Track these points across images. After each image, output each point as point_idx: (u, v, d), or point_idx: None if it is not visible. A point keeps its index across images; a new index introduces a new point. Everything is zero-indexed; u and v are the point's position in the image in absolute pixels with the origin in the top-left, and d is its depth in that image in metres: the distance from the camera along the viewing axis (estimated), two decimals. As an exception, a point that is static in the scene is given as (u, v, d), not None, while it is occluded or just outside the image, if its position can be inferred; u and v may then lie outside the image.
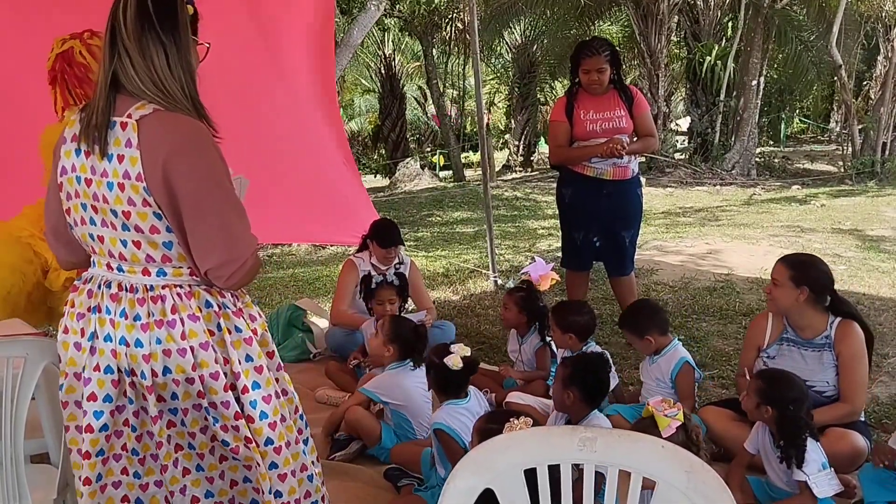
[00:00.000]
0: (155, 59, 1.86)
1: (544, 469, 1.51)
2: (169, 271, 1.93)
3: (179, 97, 1.89)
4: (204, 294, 1.95)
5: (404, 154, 20.59)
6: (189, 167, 1.84)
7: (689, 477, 1.42)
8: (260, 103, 5.76)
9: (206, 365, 1.92)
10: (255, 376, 1.99)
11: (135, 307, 1.91)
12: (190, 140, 1.87)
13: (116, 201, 1.86)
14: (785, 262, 3.32)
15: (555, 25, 17.56)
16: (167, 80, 1.87)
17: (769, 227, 9.42)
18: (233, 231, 1.90)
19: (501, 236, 9.37)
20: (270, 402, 2.01)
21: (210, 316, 1.95)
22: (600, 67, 4.53)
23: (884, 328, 5.05)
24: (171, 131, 1.85)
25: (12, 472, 2.16)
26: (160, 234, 1.89)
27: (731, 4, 16.41)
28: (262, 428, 1.99)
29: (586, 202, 4.70)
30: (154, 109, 1.85)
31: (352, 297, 4.68)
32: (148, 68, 1.86)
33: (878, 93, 15.44)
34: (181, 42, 1.89)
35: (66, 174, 1.93)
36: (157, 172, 1.82)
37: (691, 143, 16.88)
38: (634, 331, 3.64)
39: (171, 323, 1.90)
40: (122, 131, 1.84)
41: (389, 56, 21.35)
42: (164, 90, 1.87)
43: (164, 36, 1.87)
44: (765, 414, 2.86)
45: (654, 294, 6.10)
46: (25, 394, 2.15)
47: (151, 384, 1.91)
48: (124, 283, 1.93)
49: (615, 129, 4.58)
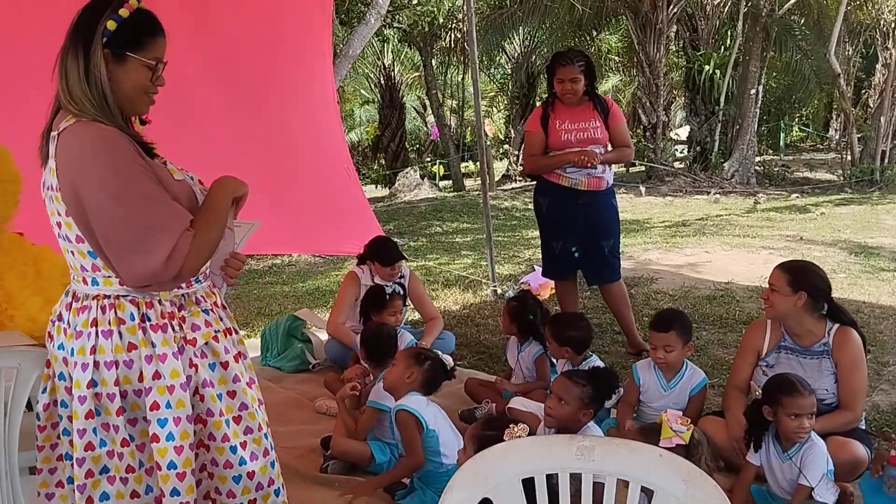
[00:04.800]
0: (71, 75, 1.91)
1: (542, 478, 1.49)
2: (100, 280, 1.96)
3: (89, 109, 1.90)
4: (129, 306, 1.94)
5: (404, 164, 20.58)
6: (93, 174, 1.86)
7: (686, 486, 1.40)
8: (260, 114, 5.76)
9: (106, 384, 1.93)
10: (168, 396, 1.95)
11: (76, 316, 1.96)
12: (93, 146, 1.87)
13: (52, 212, 1.95)
14: (782, 268, 3.31)
15: (554, 36, 17.59)
16: (76, 93, 1.90)
17: (769, 235, 9.41)
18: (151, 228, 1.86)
19: (501, 246, 9.37)
20: (179, 425, 1.95)
21: (133, 329, 1.94)
22: (574, 77, 4.59)
23: (884, 336, 5.04)
24: (77, 139, 1.88)
25: (7, 484, 2.15)
26: (84, 244, 1.92)
27: (729, 13, 16.45)
28: (166, 449, 1.94)
29: (563, 212, 4.76)
30: (75, 121, 1.90)
31: (350, 310, 4.68)
32: (67, 83, 1.92)
33: (877, 101, 15.45)
34: (90, 58, 1.90)
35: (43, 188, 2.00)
36: (67, 183, 1.88)
37: (690, 152, 16.89)
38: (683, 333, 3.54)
39: (89, 335, 1.93)
40: (52, 145, 1.93)
41: (389, 66, 21.37)
42: (77, 103, 1.90)
43: (78, 52, 1.90)
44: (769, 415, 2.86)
45: (653, 303, 6.09)
46: (19, 405, 2.15)
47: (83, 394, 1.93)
48: (77, 293, 2.00)
49: (590, 139, 4.63)
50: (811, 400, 2.81)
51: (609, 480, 1.47)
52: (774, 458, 2.89)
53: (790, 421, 2.80)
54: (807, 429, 2.80)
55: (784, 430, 2.83)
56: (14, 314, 3.20)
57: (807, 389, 2.83)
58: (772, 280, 3.29)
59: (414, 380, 3.18)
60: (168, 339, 1.95)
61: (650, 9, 15.39)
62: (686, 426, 2.51)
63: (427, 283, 7.13)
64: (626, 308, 4.92)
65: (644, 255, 8.18)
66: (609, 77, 24.34)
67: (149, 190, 1.88)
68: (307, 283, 7.66)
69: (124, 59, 1.93)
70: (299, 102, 6.55)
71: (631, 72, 21.42)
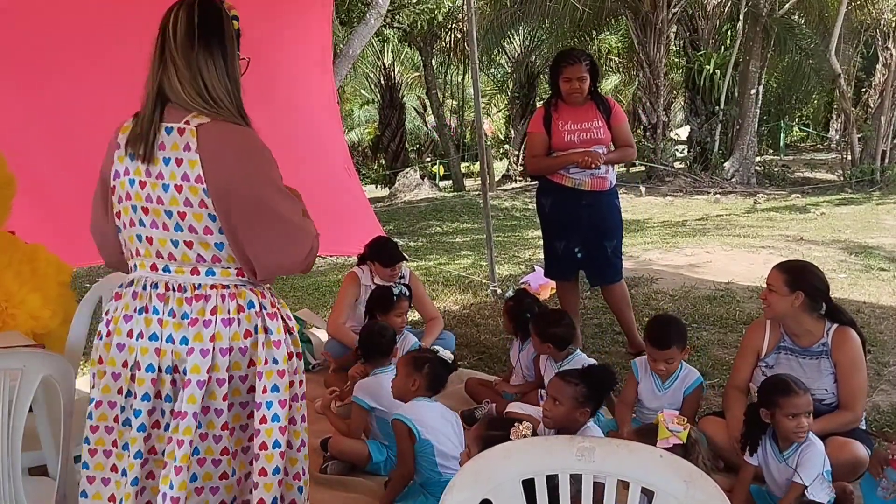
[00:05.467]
0: (203, 72, 1.96)
1: (542, 479, 1.50)
2: (217, 271, 2.00)
3: (226, 107, 1.98)
4: (249, 294, 2.02)
5: (404, 164, 20.58)
6: (252, 174, 1.96)
7: (687, 486, 1.41)
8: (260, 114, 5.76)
9: (218, 369, 1.96)
10: (277, 380, 2.03)
11: (182, 305, 1.97)
12: (250, 149, 1.98)
13: (172, 202, 1.94)
14: (780, 267, 3.32)
15: (554, 36, 17.59)
16: (214, 91, 1.96)
17: (769, 235, 9.41)
18: (297, 226, 2.01)
19: (501, 246, 9.36)
20: (284, 407, 2.04)
21: (250, 317, 2.01)
22: (581, 76, 4.58)
23: (884, 336, 5.04)
24: (233, 140, 1.97)
25: (10, 485, 2.15)
26: (213, 236, 1.96)
27: (730, 13, 16.45)
28: (272, 429, 2.02)
29: (566, 212, 4.74)
30: (211, 118, 1.95)
31: (351, 310, 4.68)
32: (195, 80, 1.95)
33: (878, 101, 15.45)
34: (227, 55, 1.99)
35: (118, 178, 2.01)
36: (219, 178, 1.92)
37: (691, 152, 16.90)
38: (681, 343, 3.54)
39: (207, 323, 1.96)
40: (179, 136, 1.94)
41: (389, 66, 21.37)
42: (212, 101, 1.96)
43: (212, 49, 1.97)
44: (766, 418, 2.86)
45: (653, 303, 6.10)
46: (22, 406, 2.15)
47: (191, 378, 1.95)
48: (171, 283, 1.99)
49: (593, 139, 4.62)
50: (807, 399, 2.81)
51: (609, 481, 1.48)
52: (772, 458, 2.90)
53: (788, 421, 2.80)
54: (805, 427, 2.80)
55: (782, 430, 2.84)
56: (15, 312, 3.21)
57: (802, 388, 2.83)
58: (769, 280, 3.30)
59: (418, 386, 3.17)
60: (279, 326, 2.06)
61: (650, 9, 15.39)
62: (683, 426, 2.51)
63: (427, 283, 7.13)
64: (627, 308, 4.92)
65: (644, 255, 8.19)
66: (609, 77, 24.35)
67: (290, 194, 2.03)
68: (307, 282, 7.66)
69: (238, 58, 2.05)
70: (299, 102, 6.56)
71: (631, 72, 21.41)
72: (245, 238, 1.96)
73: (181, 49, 1.94)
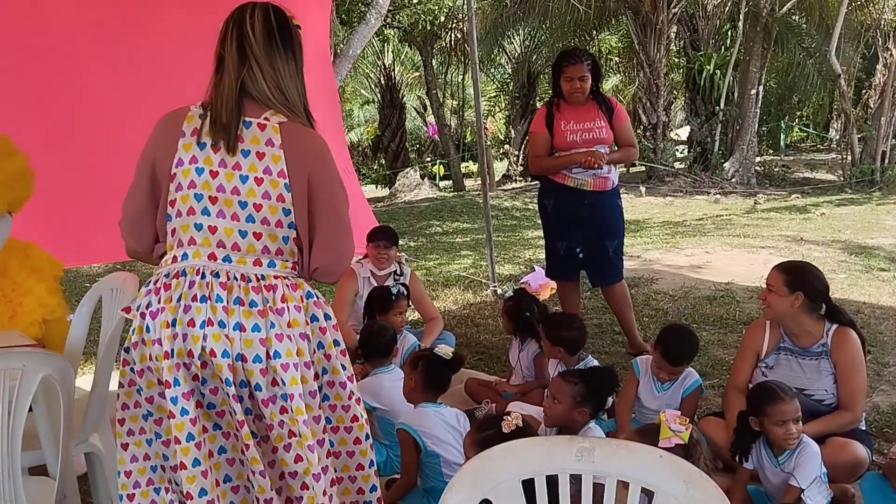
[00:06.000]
0: (282, 71, 2.07)
1: (542, 480, 1.50)
2: (278, 263, 2.08)
3: (300, 108, 2.10)
4: (306, 286, 2.13)
5: (404, 164, 20.58)
6: (328, 176, 2.09)
7: (687, 487, 1.41)
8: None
9: (303, 354, 2.05)
10: (342, 359, 2.17)
11: (249, 294, 2.01)
12: (327, 151, 2.12)
13: (249, 193, 2.01)
14: (779, 268, 3.32)
15: (554, 36, 17.58)
16: (289, 91, 2.08)
17: (769, 235, 9.41)
18: (350, 230, 2.15)
19: (501, 246, 9.37)
20: (353, 381, 2.21)
21: (308, 306, 2.10)
22: (582, 75, 4.57)
23: (884, 337, 5.04)
24: (313, 142, 2.09)
25: (10, 485, 2.15)
26: (283, 229, 2.06)
27: (730, 14, 16.45)
28: (349, 406, 2.19)
29: (568, 212, 4.74)
30: (289, 118, 2.06)
31: (351, 306, 4.67)
32: (275, 78, 2.05)
33: (878, 101, 15.45)
34: (300, 59, 2.12)
35: (181, 165, 2.03)
36: (301, 175, 2.03)
37: (691, 152, 16.89)
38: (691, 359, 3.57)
39: (280, 311, 2.02)
40: (260, 131, 2.03)
41: (389, 66, 21.36)
42: (289, 100, 2.07)
43: (286, 51, 2.08)
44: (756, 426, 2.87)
45: (653, 303, 6.10)
46: (22, 405, 2.15)
47: (265, 367, 2.00)
48: (233, 273, 2.02)
49: (595, 139, 4.62)
50: (794, 405, 2.79)
51: (609, 482, 1.48)
52: (767, 463, 2.89)
53: (777, 428, 2.79)
54: (794, 434, 2.78)
55: (773, 438, 2.83)
56: (23, 300, 3.21)
57: (788, 395, 2.81)
58: (769, 280, 3.30)
59: (416, 385, 3.15)
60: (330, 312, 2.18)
61: (650, 9, 15.38)
62: (685, 426, 2.51)
63: (427, 283, 7.13)
64: (627, 309, 4.92)
65: (644, 255, 8.19)
66: (609, 77, 24.33)
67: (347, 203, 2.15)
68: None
69: None
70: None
71: (631, 72, 21.41)
72: (312, 234, 2.09)
73: (263, 49, 2.04)
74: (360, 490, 2.26)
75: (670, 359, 3.46)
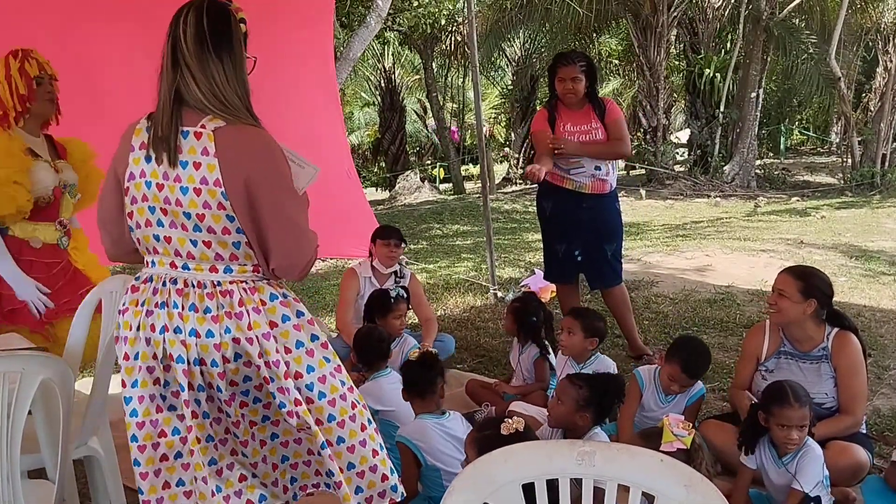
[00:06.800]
0: (216, 75, 2.00)
1: (542, 484, 1.49)
2: (235, 268, 2.07)
3: (241, 109, 2.03)
4: (267, 288, 2.10)
5: (404, 167, 20.60)
6: (268, 176, 2.01)
7: (688, 491, 1.40)
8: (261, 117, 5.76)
9: (269, 353, 2.04)
10: (308, 360, 2.12)
11: (204, 301, 2.03)
12: (266, 151, 2.03)
13: (191, 205, 1.99)
14: (792, 273, 3.29)
15: (555, 39, 17.60)
16: (225, 94, 2.01)
17: (769, 239, 9.41)
18: (303, 230, 2.08)
19: (501, 248, 9.37)
20: (325, 382, 2.14)
21: (275, 308, 2.09)
22: (575, 76, 4.57)
23: (885, 340, 5.04)
24: (250, 143, 2.01)
25: (8, 488, 2.15)
26: (231, 235, 2.03)
27: (730, 17, 16.46)
28: (322, 407, 2.12)
29: (567, 215, 4.74)
30: (226, 122, 2.00)
31: (353, 306, 4.67)
32: (208, 84, 1.99)
33: (878, 105, 15.46)
34: (236, 58, 2.04)
35: (133, 179, 2.05)
36: (237, 181, 1.98)
37: (691, 156, 16.91)
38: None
39: (239, 315, 2.03)
40: (196, 140, 1.98)
41: (389, 69, 21.38)
42: (226, 104, 2.00)
43: (219, 53, 2.00)
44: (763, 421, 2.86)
45: (654, 306, 6.09)
46: (22, 409, 2.14)
47: (222, 370, 2.04)
48: (191, 280, 2.06)
49: (592, 141, 4.63)
50: (802, 413, 2.74)
51: (610, 486, 1.47)
52: (770, 463, 2.89)
53: (779, 430, 2.78)
54: (794, 440, 2.75)
55: (774, 438, 2.83)
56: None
57: (799, 402, 2.75)
58: (780, 285, 3.26)
59: (406, 396, 3.17)
60: (303, 309, 2.16)
61: (650, 12, 15.40)
62: (688, 431, 2.51)
63: (428, 286, 7.13)
64: (627, 312, 4.92)
65: (644, 258, 8.18)
66: (609, 80, 24.35)
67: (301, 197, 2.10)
68: (308, 285, 7.66)
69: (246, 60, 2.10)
70: (301, 105, 6.56)
71: (631, 75, 21.42)
72: (260, 237, 2.04)
73: (195, 54, 1.98)
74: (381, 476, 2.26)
75: (690, 372, 3.41)
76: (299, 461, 2.26)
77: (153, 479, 2.13)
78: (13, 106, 3.26)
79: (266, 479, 2.22)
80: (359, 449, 2.19)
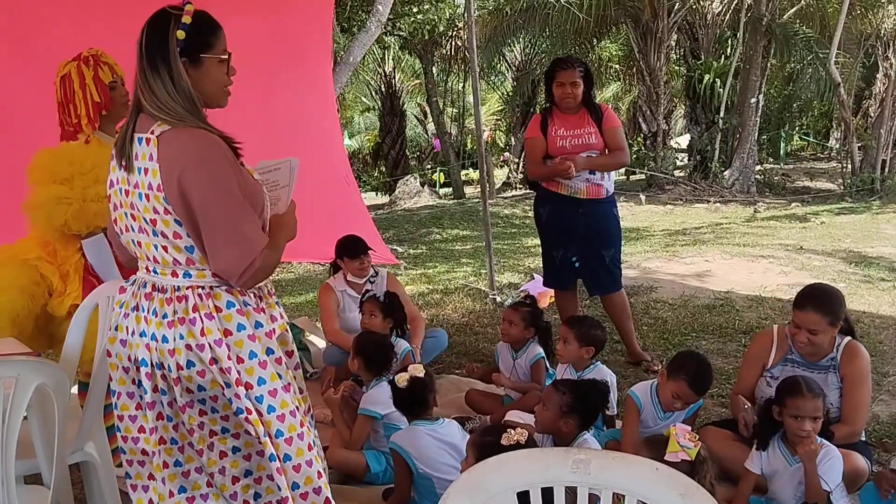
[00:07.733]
0: (153, 85, 2.05)
1: (537, 492, 1.49)
2: (193, 273, 2.09)
3: (183, 114, 2.05)
4: (225, 295, 2.10)
5: (404, 171, 20.60)
6: (199, 178, 2.01)
7: (684, 500, 1.40)
8: (259, 122, 5.77)
9: (221, 360, 2.05)
10: (260, 371, 2.10)
11: (164, 306, 2.08)
12: (200, 153, 2.03)
13: (145, 210, 2.05)
14: (816, 309, 3.17)
15: (555, 44, 17.62)
16: (165, 101, 2.04)
17: (769, 244, 9.40)
18: (242, 235, 2.03)
19: (501, 254, 9.36)
20: (276, 396, 2.12)
21: (230, 316, 2.08)
22: (573, 81, 4.58)
23: (884, 346, 5.03)
24: (185, 145, 2.02)
25: (3, 493, 2.14)
26: (182, 240, 2.06)
27: (730, 22, 16.48)
28: (271, 421, 2.10)
29: (563, 221, 4.73)
30: (171, 126, 2.03)
31: (336, 316, 4.69)
32: (151, 93, 2.05)
33: (878, 110, 15.47)
34: (173, 71, 2.04)
35: (112, 187, 2.16)
36: (172, 184, 2.00)
37: (691, 161, 16.90)
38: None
39: (192, 321, 2.05)
40: (146, 147, 2.04)
41: (389, 74, 21.41)
42: (167, 111, 2.04)
43: (153, 63, 2.04)
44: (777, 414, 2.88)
45: (653, 311, 6.08)
46: (17, 414, 2.14)
47: (177, 376, 2.07)
48: (157, 284, 2.12)
49: (585, 145, 4.63)
50: (815, 404, 2.80)
51: (605, 494, 1.47)
52: (782, 462, 2.89)
53: (792, 421, 2.82)
54: (807, 431, 2.79)
55: (788, 430, 2.85)
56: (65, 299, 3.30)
57: (812, 392, 2.82)
58: (810, 325, 3.16)
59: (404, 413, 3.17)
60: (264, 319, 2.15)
61: (651, 17, 15.42)
62: (693, 443, 2.49)
63: (427, 290, 7.13)
64: (626, 318, 4.90)
65: (644, 264, 8.17)
66: (609, 85, 24.38)
67: (242, 200, 2.05)
68: (305, 291, 7.65)
69: (200, 62, 2.09)
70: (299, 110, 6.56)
71: (631, 80, 21.44)
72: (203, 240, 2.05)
73: (141, 64, 2.06)
74: None
75: (697, 388, 3.33)
76: (263, 475, 2.22)
77: (138, 468, 2.20)
78: (87, 113, 3.25)
79: (224, 492, 2.20)
80: (305, 469, 2.14)
